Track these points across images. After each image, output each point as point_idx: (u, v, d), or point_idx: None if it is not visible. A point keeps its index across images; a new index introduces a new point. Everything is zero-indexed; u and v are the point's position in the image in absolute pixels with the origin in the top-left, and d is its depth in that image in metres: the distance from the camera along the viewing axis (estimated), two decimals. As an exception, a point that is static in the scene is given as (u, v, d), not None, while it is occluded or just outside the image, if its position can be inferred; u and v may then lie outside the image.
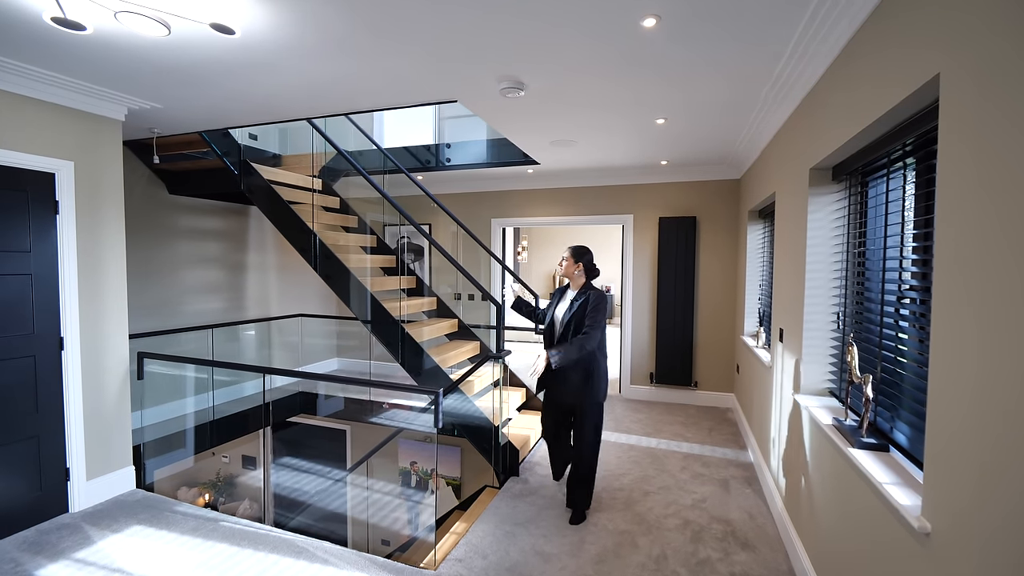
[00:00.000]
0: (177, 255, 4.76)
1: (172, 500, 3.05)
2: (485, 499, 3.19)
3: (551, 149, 4.20)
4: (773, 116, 3.01)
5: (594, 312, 2.75)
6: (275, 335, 5.84)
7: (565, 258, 2.93)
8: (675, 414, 4.84)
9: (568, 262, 2.91)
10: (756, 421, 3.70)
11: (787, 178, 2.86)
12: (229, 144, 4.12)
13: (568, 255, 2.92)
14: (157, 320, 4.54)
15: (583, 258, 2.90)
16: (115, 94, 2.90)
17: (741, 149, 4.00)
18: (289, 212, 4.02)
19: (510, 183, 5.70)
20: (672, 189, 5.13)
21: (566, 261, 2.91)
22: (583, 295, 2.84)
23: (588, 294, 2.83)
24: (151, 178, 4.50)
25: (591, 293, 2.83)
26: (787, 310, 2.79)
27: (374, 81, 2.66)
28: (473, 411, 3.51)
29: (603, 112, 3.16)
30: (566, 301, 2.90)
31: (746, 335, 4.39)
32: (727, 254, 4.99)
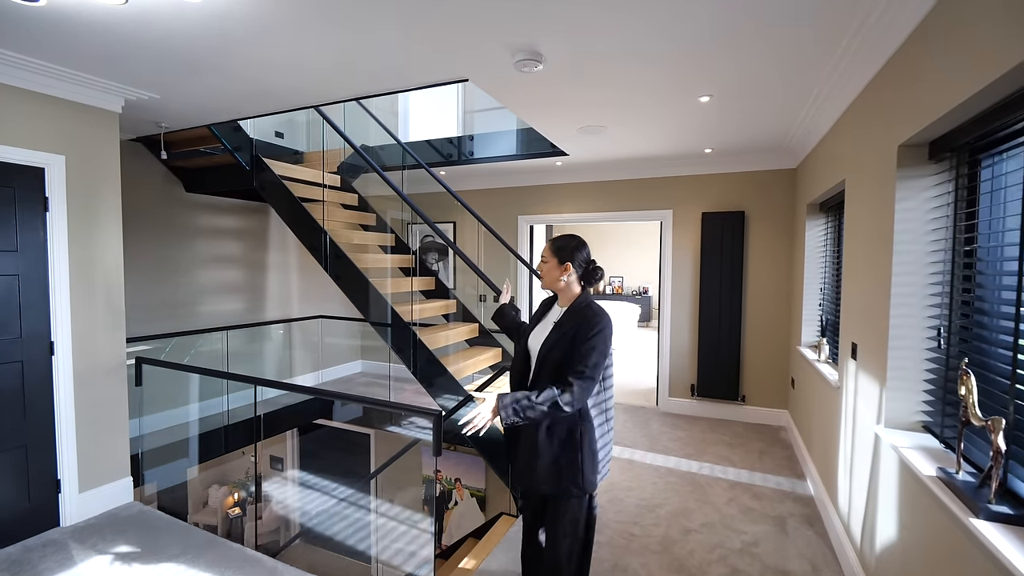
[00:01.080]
0: (195, 255, 4.65)
1: (167, 516, 2.86)
2: (501, 528, 2.85)
3: (580, 138, 3.80)
4: (846, 85, 2.51)
5: (589, 349, 1.67)
6: (296, 336, 5.70)
7: (543, 258, 1.85)
8: (719, 432, 4.33)
9: (548, 263, 1.82)
10: (817, 447, 3.18)
11: (864, 161, 2.36)
12: (240, 139, 3.94)
13: (547, 252, 1.83)
14: (173, 322, 4.44)
15: (573, 255, 1.80)
16: (104, 82, 2.72)
17: (800, 131, 3.47)
18: (300, 209, 3.80)
19: (538, 177, 5.32)
20: (717, 181, 4.62)
21: (545, 262, 1.84)
22: (575, 316, 1.74)
23: (582, 314, 1.74)
24: (167, 176, 4.40)
25: (587, 313, 1.74)
26: (863, 321, 2.29)
27: (371, 59, 2.35)
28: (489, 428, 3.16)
29: (637, 90, 2.74)
30: (547, 323, 1.84)
31: (804, 346, 3.85)
32: (780, 253, 4.43)
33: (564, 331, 1.73)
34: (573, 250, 1.80)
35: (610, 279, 11.33)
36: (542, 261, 1.85)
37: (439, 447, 1.96)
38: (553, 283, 1.82)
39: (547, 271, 1.82)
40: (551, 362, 1.73)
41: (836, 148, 2.89)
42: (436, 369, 3.33)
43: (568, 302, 1.82)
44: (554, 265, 1.80)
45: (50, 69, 2.51)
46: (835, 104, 2.73)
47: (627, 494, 3.19)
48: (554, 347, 1.73)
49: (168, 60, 2.44)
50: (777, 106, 3.02)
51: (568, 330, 1.72)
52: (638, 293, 11.07)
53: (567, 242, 1.81)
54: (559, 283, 1.81)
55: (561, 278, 1.80)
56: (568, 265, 1.78)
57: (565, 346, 1.71)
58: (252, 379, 2.66)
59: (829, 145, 3.08)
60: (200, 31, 2.12)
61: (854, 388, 2.40)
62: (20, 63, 2.41)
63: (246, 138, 3.98)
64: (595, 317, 1.72)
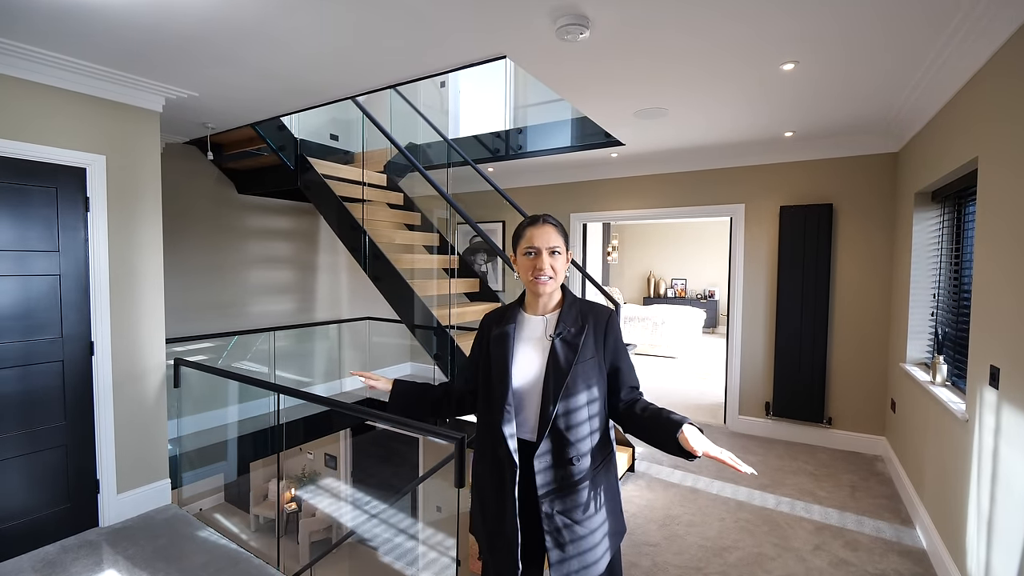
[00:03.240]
0: (246, 255, 4.70)
1: (198, 523, 2.79)
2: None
3: (637, 124, 3.40)
4: (979, 40, 1.97)
5: (625, 347, 1.36)
6: (346, 337, 5.67)
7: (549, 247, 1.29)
8: (800, 459, 3.75)
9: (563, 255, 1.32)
10: (932, 489, 2.59)
11: (1011, 130, 1.82)
12: (285, 139, 3.89)
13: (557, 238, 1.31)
14: (225, 321, 4.50)
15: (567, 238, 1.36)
16: (143, 81, 2.69)
17: (908, 104, 2.88)
18: (341, 208, 3.68)
19: (592, 172, 4.94)
20: (799, 170, 4.03)
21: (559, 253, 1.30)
22: (577, 318, 1.31)
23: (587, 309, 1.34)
24: (220, 178, 4.47)
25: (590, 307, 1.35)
26: (1010, 340, 1.76)
27: (398, 36, 2.12)
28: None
29: (703, 60, 2.33)
30: (533, 340, 1.32)
31: (910, 363, 3.22)
32: (878, 253, 3.78)
33: (573, 343, 1.26)
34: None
35: (672, 281, 10.65)
36: (554, 252, 1.29)
37: (462, 477, 1.68)
38: (557, 282, 1.32)
39: (561, 268, 1.31)
40: (581, 391, 1.23)
41: (963, 119, 2.32)
42: (474, 379, 3.06)
43: (556, 303, 1.34)
44: (566, 257, 1.32)
45: (90, 68, 2.50)
46: (964, 61, 2.17)
47: (688, 530, 2.76)
48: (574, 368, 1.22)
49: (203, 54, 2.35)
50: (880, 71, 2.48)
51: (580, 339, 1.26)
52: (703, 297, 10.31)
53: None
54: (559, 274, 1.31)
55: (563, 266, 1.32)
56: (570, 253, 1.36)
57: (586, 363, 1.25)
58: (273, 386, 2.52)
59: (951, 117, 2.49)
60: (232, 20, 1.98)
61: (994, 426, 1.86)
62: (60, 63, 2.40)
63: (291, 137, 3.93)
64: (612, 312, 1.34)
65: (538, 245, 1.28)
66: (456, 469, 1.68)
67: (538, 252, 1.28)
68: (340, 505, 6.54)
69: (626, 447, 3.59)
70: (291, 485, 6.82)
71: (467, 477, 1.35)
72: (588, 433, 1.19)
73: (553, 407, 1.21)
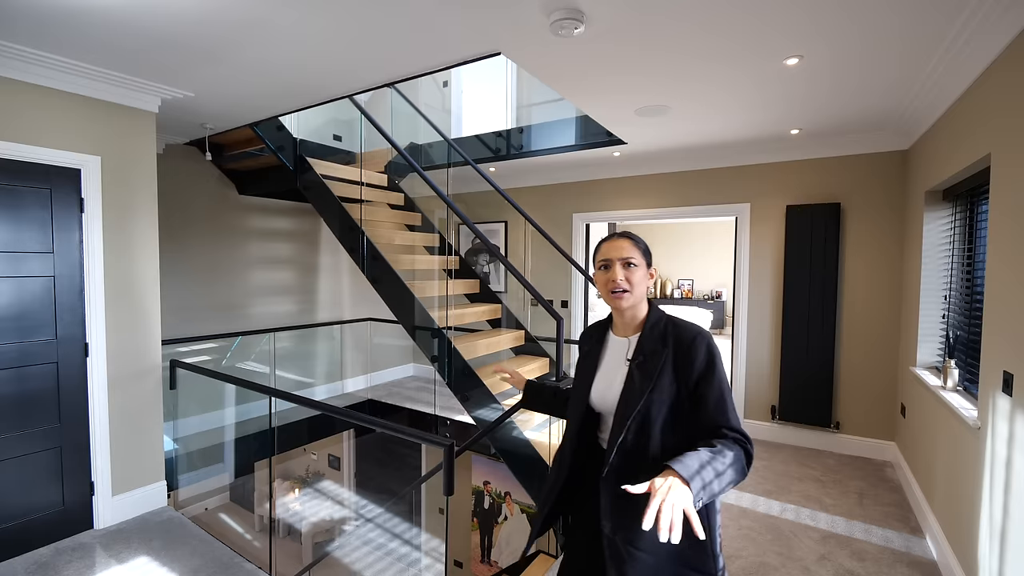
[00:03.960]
0: (248, 256, 4.70)
1: (193, 527, 2.77)
2: (537, 571, 2.47)
3: (638, 122, 3.33)
4: (991, 33, 1.89)
5: (720, 378, 1.16)
6: (348, 339, 5.65)
7: (622, 259, 1.23)
8: (807, 464, 3.66)
9: (640, 268, 1.24)
10: (942, 498, 2.51)
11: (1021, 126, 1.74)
12: (284, 139, 3.87)
13: (634, 251, 1.24)
14: (224, 323, 4.50)
15: (649, 257, 1.28)
16: (138, 81, 2.68)
17: (919, 99, 2.79)
18: (340, 209, 3.65)
19: (594, 171, 4.88)
20: (806, 168, 3.94)
21: (635, 266, 1.23)
22: (658, 341, 1.20)
23: (671, 335, 1.20)
24: (221, 179, 4.46)
25: (677, 332, 1.21)
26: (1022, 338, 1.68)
27: (388, 34, 2.08)
28: (526, 451, 2.81)
29: (704, 56, 2.26)
30: (614, 363, 1.28)
31: (920, 367, 3.12)
32: (887, 253, 3.68)
33: (649, 369, 1.16)
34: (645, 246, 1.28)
35: (679, 282, 10.53)
36: (628, 264, 1.22)
37: (451, 485, 1.64)
38: (640, 299, 1.25)
39: (639, 281, 1.23)
40: (642, 421, 1.13)
41: (975, 114, 2.23)
42: (471, 380, 3.02)
43: (637, 324, 1.25)
44: (644, 271, 1.25)
45: (84, 69, 2.49)
46: (976, 55, 2.09)
47: (690, 538, 2.69)
48: (647, 397, 1.14)
49: (198, 54, 2.33)
50: (889, 66, 2.40)
51: (657, 366, 1.16)
52: (710, 298, 10.19)
53: (646, 243, 1.30)
54: (638, 290, 1.24)
55: (648, 287, 1.28)
56: (653, 271, 1.28)
57: (663, 392, 1.14)
58: (266, 389, 2.49)
59: (963, 112, 2.41)
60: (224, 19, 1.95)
61: (1007, 434, 1.78)
62: (53, 63, 2.39)
63: (290, 138, 3.91)
64: (697, 335, 1.17)
65: (611, 256, 1.23)
66: (445, 476, 1.64)
67: (610, 264, 1.23)
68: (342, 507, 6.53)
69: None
70: (295, 485, 6.84)
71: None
72: (656, 469, 1.01)
73: (621, 436, 1.14)
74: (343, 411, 2.08)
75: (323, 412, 2.08)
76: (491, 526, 5.19)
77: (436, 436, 1.71)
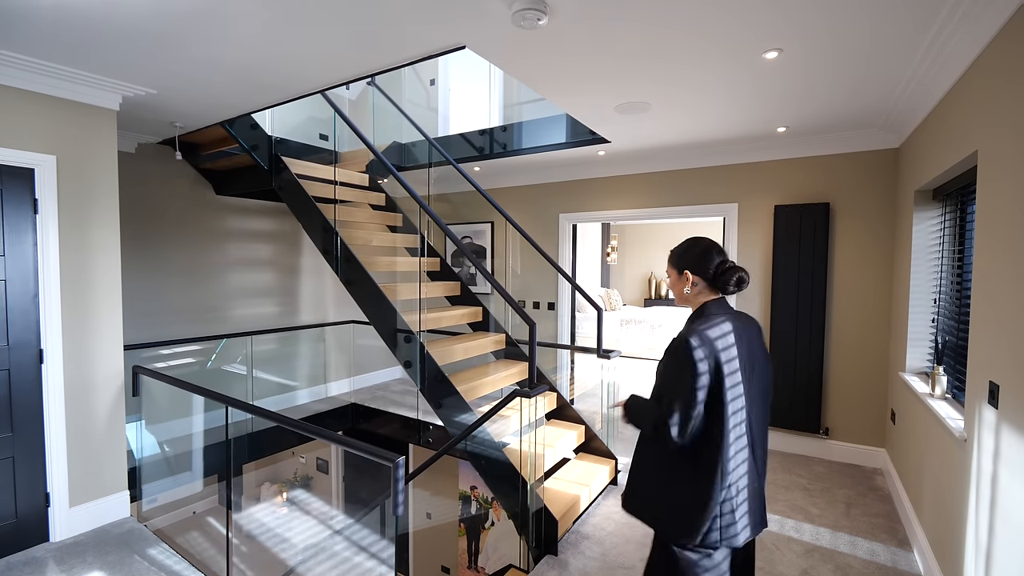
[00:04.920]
0: (227, 258, 4.60)
1: (154, 538, 2.67)
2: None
3: (619, 120, 3.23)
4: (976, 24, 1.79)
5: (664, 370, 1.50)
6: (332, 341, 5.56)
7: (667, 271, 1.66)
8: (794, 472, 3.56)
9: (670, 276, 1.64)
10: (930, 510, 2.41)
11: (1010, 121, 1.64)
12: (258, 137, 3.77)
13: (666, 265, 1.66)
14: (203, 326, 4.40)
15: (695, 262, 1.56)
16: (95, 78, 2.58)
17: (907, 95, 2.69)
18: (313, 209, 3.55)
19: (580, 170, 4.77)
20: (794, 167, 3.84)
21: (667, 275, 1.66)
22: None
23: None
24: (197, 179, 4.36)
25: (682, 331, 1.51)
26: (1010, 353, 1.58)
27: (347, 26, 1.98)
28: (498, 457, 2.71)
29: (678, 49, 2.16)
30: None
31: (909, 373, 3.02)
32: (877, 254, 3.58)
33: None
34: (695, 256, 1.55)
35: (674, 283, 10.42)
36: (668, 277, 1.67)
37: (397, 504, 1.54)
38: (684, 299, 1.60)
39: (671, 285, 1.64)
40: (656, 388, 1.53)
41: (962, 110, 2.13)
42: (445, 387, 2.92)
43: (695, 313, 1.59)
44: (675, 277, 1.61)
45: (36, 64, 2.39)
46: (963, 48, 1.98)
47: (668, 551, 2.59)
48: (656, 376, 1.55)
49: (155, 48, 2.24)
50: (873, 59, 2.30)
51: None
52: (705, 298, 10.08)
53: (685, 247, 1.60)
54: (690, 297, 1.58)
55: (685, 290, 1.58)
56: (688, 273, 1.56)
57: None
58: (223, 398, 2.39)
59: (951, 108, 2.31)
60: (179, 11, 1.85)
61: (993, 448, 1.68)
62: (3, 59, 2.29)
63: (264, 136, 3.81)
64: (676, 337, 1.45)
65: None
66: (392, 494, 1.54)
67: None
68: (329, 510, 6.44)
69: (608, 459, 3.43)
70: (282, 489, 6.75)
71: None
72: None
73: None
74: (298, 423, 1.98)
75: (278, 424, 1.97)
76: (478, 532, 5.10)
77: (382, 451, 1.60)
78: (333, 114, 3.62)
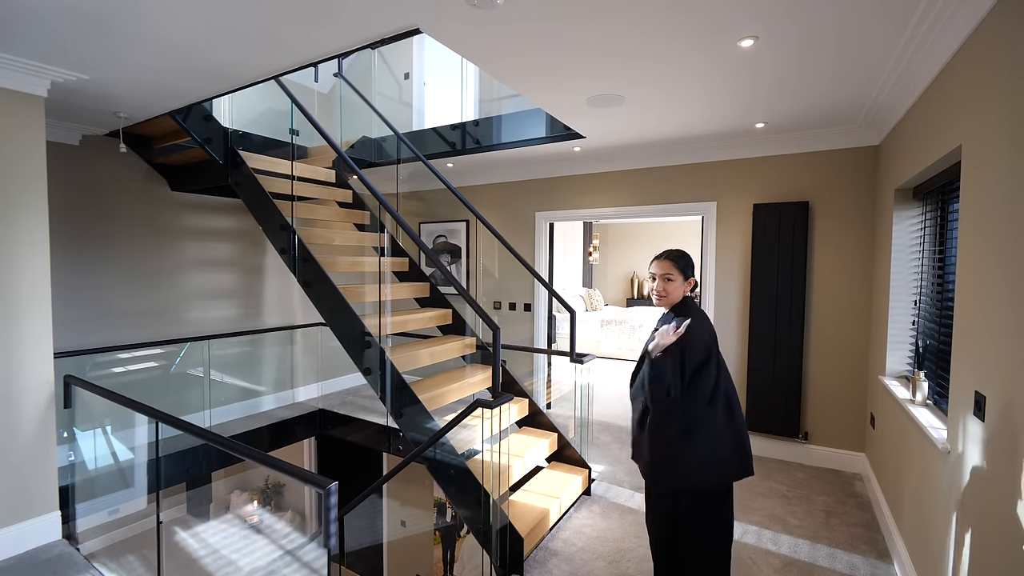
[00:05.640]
0: (184, 258, 4.35)
1: (85, 563, 2.45)
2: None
3: (592, 113, 3.09)
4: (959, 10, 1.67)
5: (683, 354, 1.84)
6: (300, 345, 5.33)
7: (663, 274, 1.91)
8: (773, 478, 3.46)
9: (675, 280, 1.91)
10: (910, 521, 2.30)
11: (998, 111, 1.52)
12: (212, 130, 3.54)
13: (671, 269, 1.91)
14: (157, 329, 4.15)
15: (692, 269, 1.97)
16: (15, 60, 2.34)
17: (888, 90, 2.59)
18: (270, 206, 3.34)
19: (556, 168, 4.63)
20: (773, 165, 3.73)
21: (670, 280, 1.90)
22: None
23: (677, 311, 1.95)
24: (150, 174, 4.10)
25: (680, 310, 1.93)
26: (1000, 362, 1.46)
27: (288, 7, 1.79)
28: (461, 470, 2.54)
29: (650, 34, 2.01)
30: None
31: (889, 377, 2.93)
32: (857, 254, 3.49)
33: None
34: (693, 266, 1.93)
35: (656, 282, 10.35)
36: (665, 279, 1.88)
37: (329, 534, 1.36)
38: (671, 298, 1.89)
39: (671, 288, 1.88)
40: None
41: (945, 102, 2.02)
42: (406, 395, 2.74)
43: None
44: (679, 282, 1.89)
45: (-57, 43, 2.15)
46: (948, 34, 1.87)
47: (639, 568, 2.45)
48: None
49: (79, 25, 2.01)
50: (856, 54, 2.18)
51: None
52: (687, 298, 10.03)
53: (688, 258, 1.92)
54: (676, 295, 1.89)
55: (685, 292, 1.90)
56: (692, 279, 1.91)
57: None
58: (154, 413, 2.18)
59: (932, 101, 2.20)
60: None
61: (980, 460, 1.56)
62: (-101, 35, 2.06)
63: (219, 129, 3.58)
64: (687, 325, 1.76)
65: (656, 272, 1.91)
66: (324, 523, 1.36)
67: (655, 278, 1.91)
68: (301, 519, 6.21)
69: (581, 468, 3.28)
70: (253, 497, 6.49)
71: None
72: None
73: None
74: (228, 442, 1.78)
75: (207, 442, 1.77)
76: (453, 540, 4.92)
77: (314, 476, 1.43)
78: (291, 106, 3.40)
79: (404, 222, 2.90)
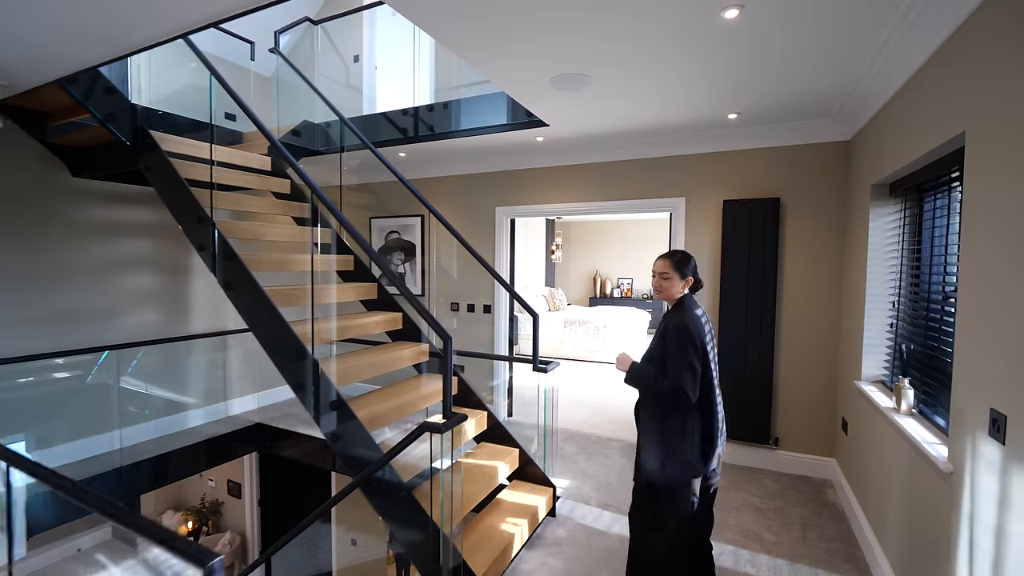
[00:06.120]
0: (88, 255, 3.77)
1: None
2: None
3: (557, 96, 2.80)
4: None
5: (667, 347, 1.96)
6: (234, 353, 4.80)
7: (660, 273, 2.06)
8: (745, 488, 3.29)
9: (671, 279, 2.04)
10: (898, 542, 2.14)
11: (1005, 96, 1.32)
12: (115, 104, 3.03)
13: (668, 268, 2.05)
14: (51, 340, 3.56)
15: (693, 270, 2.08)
16: None
17: (873, 76, 2.42)
18: (185, 194, 2.87)
19: (518, 160, 4.33)
20: (744, 160, 3.57)
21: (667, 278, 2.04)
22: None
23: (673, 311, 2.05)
24: (44, 156, 3.51)
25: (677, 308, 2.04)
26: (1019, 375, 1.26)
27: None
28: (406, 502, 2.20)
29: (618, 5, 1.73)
30: None
31: (866, 381, 2.79)
32: (829, 253, 3.37)
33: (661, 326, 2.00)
34: (692, 266, 2.05)
35: (619, 281, 10.27)
36: (661, 277, 2.03)
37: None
38: (670, 295, 2.03)
39: (667, 287, 2.02)
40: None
41: (938, 89, 1.84)
42: (343, 414, 2.37)
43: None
44: (675, 280, 2.01)
45: None
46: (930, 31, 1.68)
47: (612, 605, 2.18)
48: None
49: None
50: (845, 23, 1.98)
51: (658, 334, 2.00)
52: (649, 297, 9.99)
53: (685, 258, 2.05)
54: (673, 294, 2.03)
55: (680, 290, 2.02)
56: (689, 279, 2.02)
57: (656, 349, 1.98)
58: (3, 453, 1.73)
59: (918, 91, 2.02)
60: None
61: (997, 492, 1.36)
62: None
63: (125, 104, 3.07)
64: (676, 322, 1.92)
65: (655, 270, 2.06)
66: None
67: (655, 275, 2.06)
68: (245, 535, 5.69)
69: (545, 487, 3.00)
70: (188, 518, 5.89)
71: None
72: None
73: None
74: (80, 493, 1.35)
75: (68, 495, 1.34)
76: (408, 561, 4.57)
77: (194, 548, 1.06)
78: (210, 78, 2.93)
79: (339, 212, 2.52)
